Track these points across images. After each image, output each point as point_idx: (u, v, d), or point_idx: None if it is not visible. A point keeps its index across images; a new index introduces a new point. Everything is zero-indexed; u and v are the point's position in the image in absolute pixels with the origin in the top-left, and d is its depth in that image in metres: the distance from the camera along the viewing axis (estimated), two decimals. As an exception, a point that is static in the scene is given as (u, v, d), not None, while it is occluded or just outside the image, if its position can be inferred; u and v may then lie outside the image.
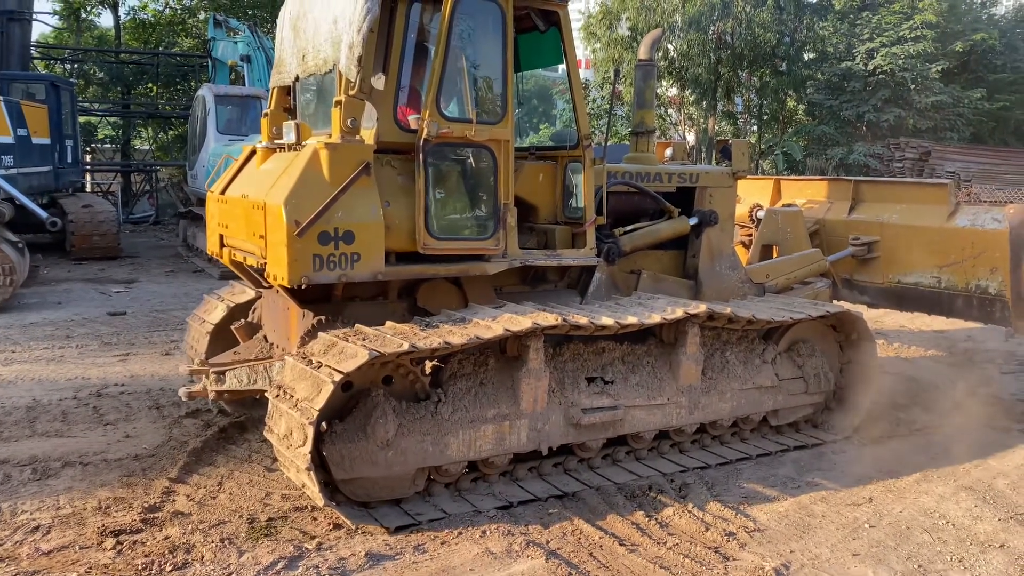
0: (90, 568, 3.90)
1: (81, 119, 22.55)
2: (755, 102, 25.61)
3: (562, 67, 5.44)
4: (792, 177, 10.28)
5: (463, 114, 4.94)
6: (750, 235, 7.65)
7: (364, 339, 4.34)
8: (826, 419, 6.24)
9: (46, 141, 15.66)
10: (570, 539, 4.33)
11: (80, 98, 23.46)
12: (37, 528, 4.33)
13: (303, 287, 4.49)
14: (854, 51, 23.26)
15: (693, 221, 6.34)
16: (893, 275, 7.21)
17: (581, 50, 27.61)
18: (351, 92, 4.52)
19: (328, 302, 4.94)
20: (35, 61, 24.11)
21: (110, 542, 4.15)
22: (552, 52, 5.53)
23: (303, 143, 4.75)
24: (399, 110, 4.87)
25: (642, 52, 6.71)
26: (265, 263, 4.66)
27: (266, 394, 4.54)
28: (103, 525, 4.34)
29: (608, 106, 5.83)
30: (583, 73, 28.62)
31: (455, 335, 4.39)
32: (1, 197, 11.62)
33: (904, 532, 4.57)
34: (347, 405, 4.37)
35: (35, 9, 20.12)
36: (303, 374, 4.27)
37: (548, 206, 5.65)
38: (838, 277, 7.37)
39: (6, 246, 10.28)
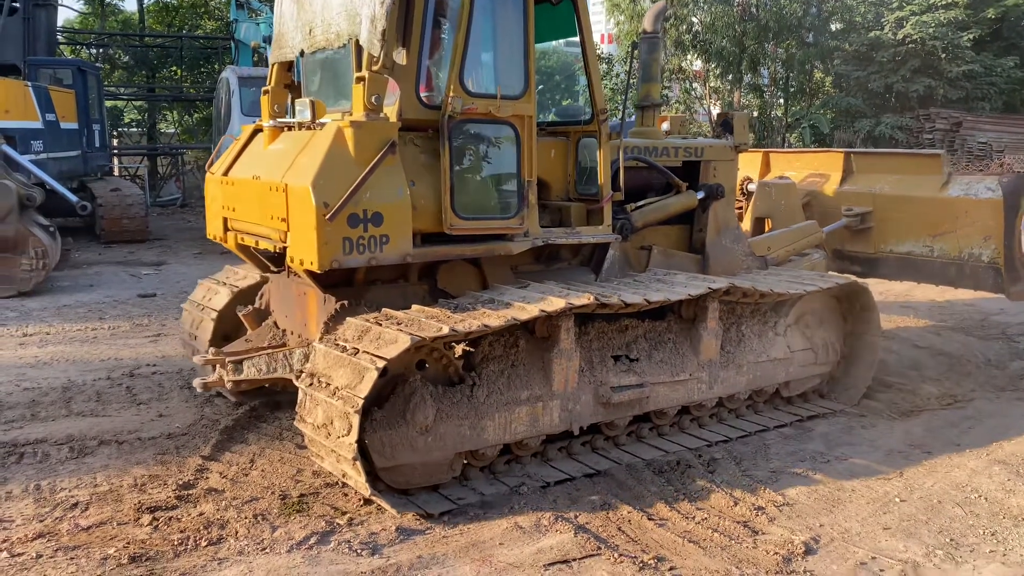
0: (128, 543, 3.98)
1: (107, 103, 22.75)
2: (781, 74, 25.23)
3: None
4: (781, 150, 10.35)
5: (485, 90, 4.83)
6: (740, 207, 7.65)
7: (398, 324, 4.25)
8: (832, 388, 6.31)
9: (74, 126, 15.82)
10: (598, 514, 4.35)
11: (106, 82, 23.65)
12: (76, 505, 4.43)
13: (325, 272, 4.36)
14: (883, 20, 22.82)
15: (700, 195, 6.30)
16: (885, 245, 7.31)
17: (603, 24, 27.32)
18: (374, 67, 4.38)
19: (350, 286, 4.84)
20: (61, 46, 24.32)
21: (146, 518, 4.24)
22: (565, 24, 5.39)
23: (319, 121, 4.62)
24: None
25: (647, 24, 6.64)
26: (285, 247, 4.53)
27: (295, 382, 4.50)
28: (139, 502, 4.43)
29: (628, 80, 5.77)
30: (606, 47, 28.33)
31: (491, 317, 4.31)
32: (32, 182, 11.76)
33: (936, 506, 4.54)
34: (381, 392, 4.27)
35: (60, -6, 20.28)
36: (339, 361, 4.17)
37: (560, 183, 5.57)
38: (829, 248, 7.44)
39: (38, 230, 10.42)
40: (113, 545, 3.97)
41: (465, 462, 4.64)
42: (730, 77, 24.55)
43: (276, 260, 5.27)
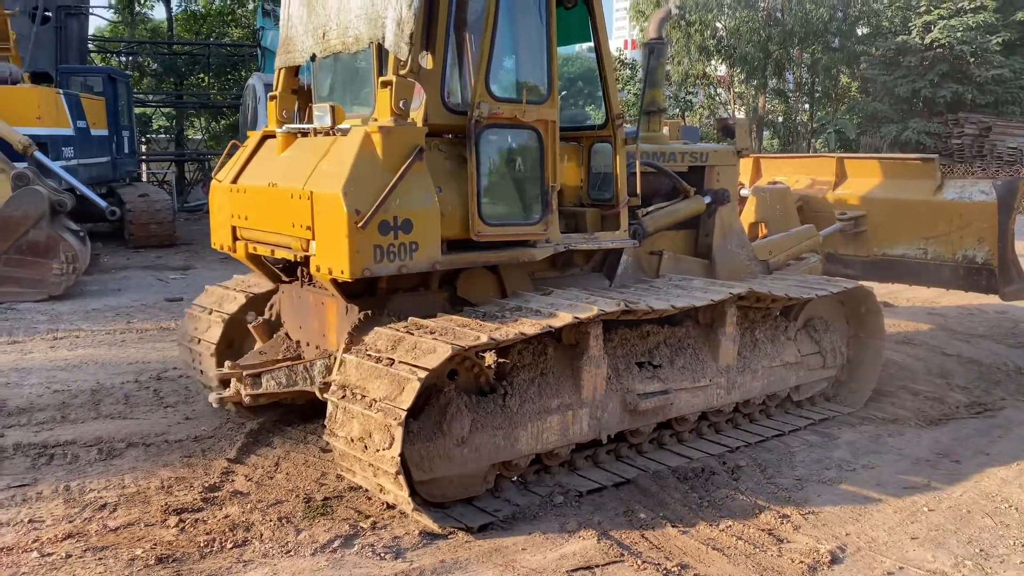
0: (155, 544, 4.03)
1: (136, 110, 23.08)
2: (806, 79, 25.07)
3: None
4: (772, 155, 10.51)
5: (508, 94, 4.79)
6: None
7: (432, 333, 4.17)
8: (838, 392, 6.37)
9: (104, 132, 16.07)
10: (622, 520, 4.33)
11: (135, 90, 23.97)
12: (104, 506, 4.48)
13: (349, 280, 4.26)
14: (910, 25, 22.62)
15: (707, 200, 6.31)
16: (879, 248, 7.43)
17: (628, 30, 27.30)
18: (402, 71, 4.30)
19: (372, 295, 4.74)
20: (92, 55, 24.71)
21: (173, 520, 4.28)
22: (580, 29, 5.33)
23: (339, 127, 4.53)
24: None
25: (651, 31, 6.65)
26: (308, 256, 4.39)
27: (319, 395, 4.44)
28: (166, 503, 4.47)
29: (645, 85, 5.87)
30: (629, 53, 28.31)
31: (526, 325, 4.25)
32: (63, 188, 11.94)
33: (965, 516, 4.47)
34: (413, 404, 4.09)
35: (91, 3, 20.61)
36: (374, 372, 4.04)
37: (572, 188, 5.54)
38: (822, 252, 7.47)
39: (68, 235, 10.57)
40: (140, 546, 4.01)
41: (499, 474, 4.60)
42: (755, 82, 24.45)
43: (290, 270, 5.23)
